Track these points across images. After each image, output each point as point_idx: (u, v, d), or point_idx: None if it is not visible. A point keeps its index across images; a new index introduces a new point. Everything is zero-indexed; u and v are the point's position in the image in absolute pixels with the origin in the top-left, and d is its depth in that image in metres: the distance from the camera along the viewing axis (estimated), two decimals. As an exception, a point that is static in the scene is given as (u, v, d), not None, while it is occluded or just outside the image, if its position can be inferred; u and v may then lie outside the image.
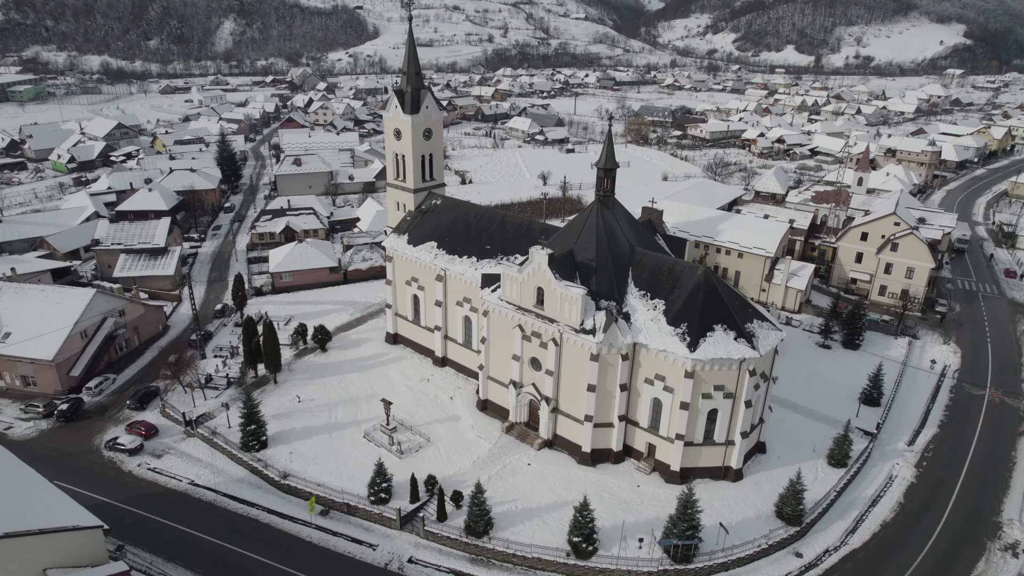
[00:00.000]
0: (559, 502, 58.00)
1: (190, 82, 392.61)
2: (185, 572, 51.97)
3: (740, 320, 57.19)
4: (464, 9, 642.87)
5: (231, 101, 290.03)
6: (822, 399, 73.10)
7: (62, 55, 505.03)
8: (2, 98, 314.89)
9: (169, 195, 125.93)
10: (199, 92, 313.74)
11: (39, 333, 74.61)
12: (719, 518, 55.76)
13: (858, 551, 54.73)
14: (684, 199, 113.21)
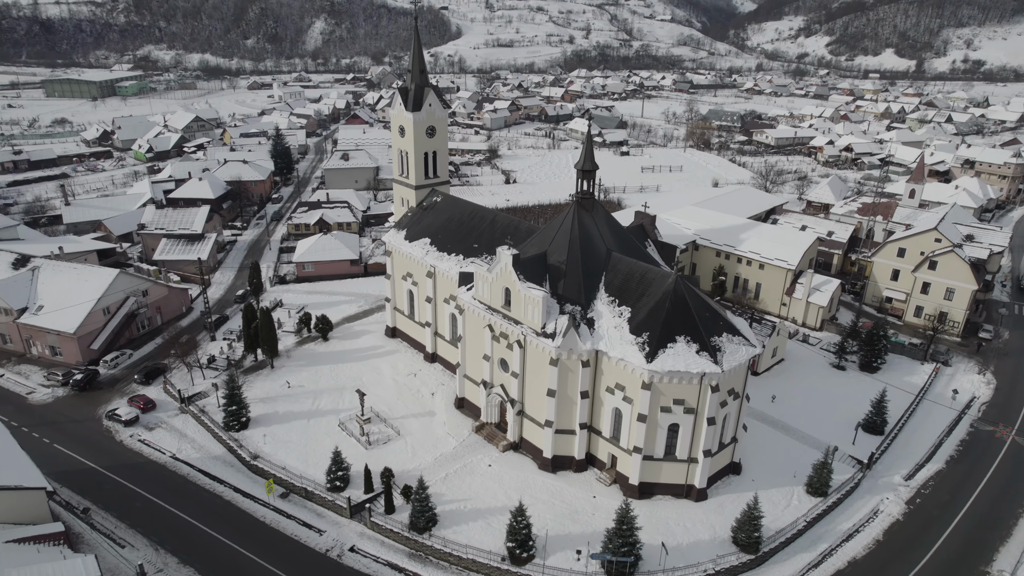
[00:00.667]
0: (510, 506, 56.63)
1: (277, 78, 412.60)
2: (142, 539, 54.82)
3: (706, 333, 54.52)
4: (548, 10, 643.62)
5: (308, 97, 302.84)
6: (820, 423, 68.62)
7: (170, 53, 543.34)
8: (110, 92, 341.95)
9: (218, 185, 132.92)
10: (280, 88, 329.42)
11: (66, 307, 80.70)
12: (673, 537, 53.67)
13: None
14: (717, 206, 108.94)
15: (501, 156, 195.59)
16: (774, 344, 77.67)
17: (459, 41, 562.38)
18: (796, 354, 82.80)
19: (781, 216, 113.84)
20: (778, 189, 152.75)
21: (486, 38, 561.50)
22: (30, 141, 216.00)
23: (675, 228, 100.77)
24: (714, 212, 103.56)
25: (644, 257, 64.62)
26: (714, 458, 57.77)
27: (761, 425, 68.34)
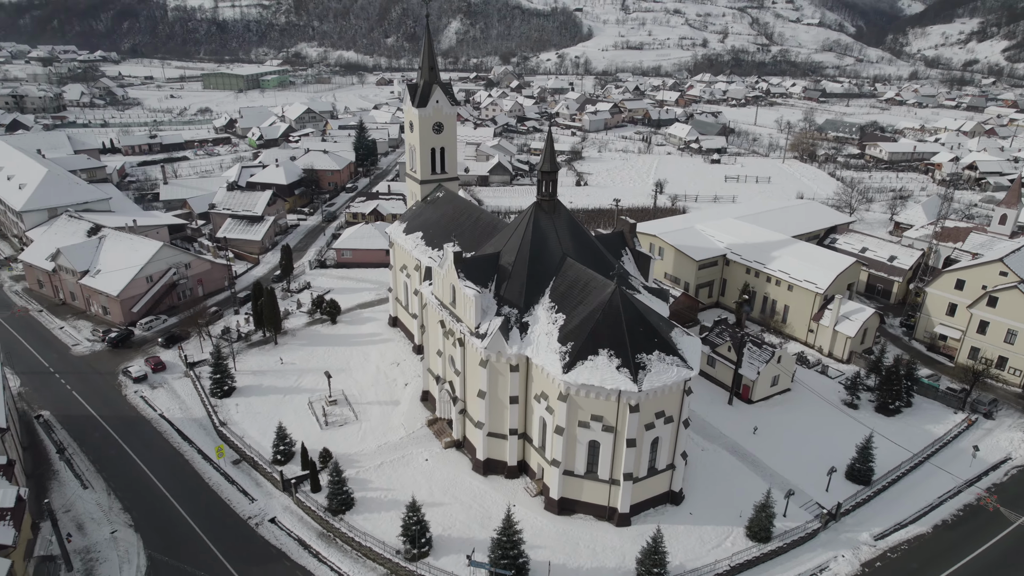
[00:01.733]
0: (429, 502, 57.11)
1: (406, 75, 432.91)
2: (103, 483, 60.71)
3: (633, 349, 51.22)
4: (685, 13, 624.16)
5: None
6: (799, 464, 62.04)
7: (318, 50, 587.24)
8: (254, 85, 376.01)
9: (292, 172, 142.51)
10: (400, 84, 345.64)
11: (115, 272, 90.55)
12: (577, 560, 51.30)
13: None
14: (765, 221, 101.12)
15: (584, 158, 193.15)
16: (773, 372, 71.15)
17: (589, 43, 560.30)
18: (808, 385, 75.26)
19: (841, 236, 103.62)
20: (866, 207, 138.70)
21: (616, 40, 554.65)
22: (173, 127, 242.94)
23: (708, 240, 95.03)
24: (752, 226, 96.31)
25: (605, 263, 61.67)
26: (643, 483, 54.32)
27: (730, 457, 63.11)
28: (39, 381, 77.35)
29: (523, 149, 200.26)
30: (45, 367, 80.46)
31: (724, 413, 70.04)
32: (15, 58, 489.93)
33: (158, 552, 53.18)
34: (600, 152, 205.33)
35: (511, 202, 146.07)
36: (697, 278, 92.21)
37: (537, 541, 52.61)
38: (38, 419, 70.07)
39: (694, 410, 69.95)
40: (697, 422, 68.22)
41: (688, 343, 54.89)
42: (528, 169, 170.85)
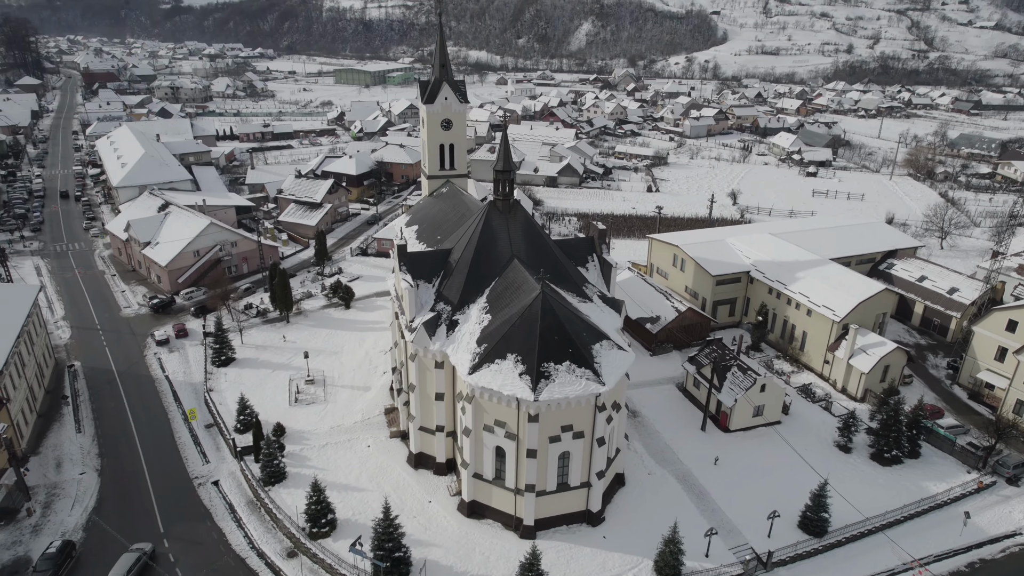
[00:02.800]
0: (354, 486, 58.57)
1: (528, 75, 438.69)
2: (92, 429, 67.76)
3: (542, 357, 49.43)
4: (833, 16, 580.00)
5: (532, 94, 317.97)
6: (753, 505, 56.29)
7: (452, 49, 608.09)
8: (380, 81, 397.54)
9: (364, 163, 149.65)
10: (513, 84, 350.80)
11: (168, 244, 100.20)
12: (467, 564, 50.36)
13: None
14: (808, 239, 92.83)
15: (669, 164, 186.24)
16: (755, 400, 65.41)
17: (721, 47, 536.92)
18: (802, 420, 68.43)
19: (900, 261, 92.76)
20: (963, 233, 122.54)
21: (751, 44, 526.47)
22: (293, 117, 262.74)
23: (733, 255, 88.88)
24: (785, 243, 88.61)
25: (558, 268, 59.73)
26: (552, 498, 52.30)
27: (676, 485, 58.96)
28: (85, 335, 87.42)
29: (608, 152, 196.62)
30: (94, 324, 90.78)
31: (693, 439, 65.43)
32: (191, 54, 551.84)
33: (108, 496, 58.65)
34: (692, 159, 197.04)
35: (574, 204, 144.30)
36: (715, 294, 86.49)
37: (437, 540, 52.44)
38: (69, 368, 79.34)
39: (661, 431, 66.54)
40: (658, 444, 64.53)
41: (613, 357, 51.96)
42: (602, 173, 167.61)
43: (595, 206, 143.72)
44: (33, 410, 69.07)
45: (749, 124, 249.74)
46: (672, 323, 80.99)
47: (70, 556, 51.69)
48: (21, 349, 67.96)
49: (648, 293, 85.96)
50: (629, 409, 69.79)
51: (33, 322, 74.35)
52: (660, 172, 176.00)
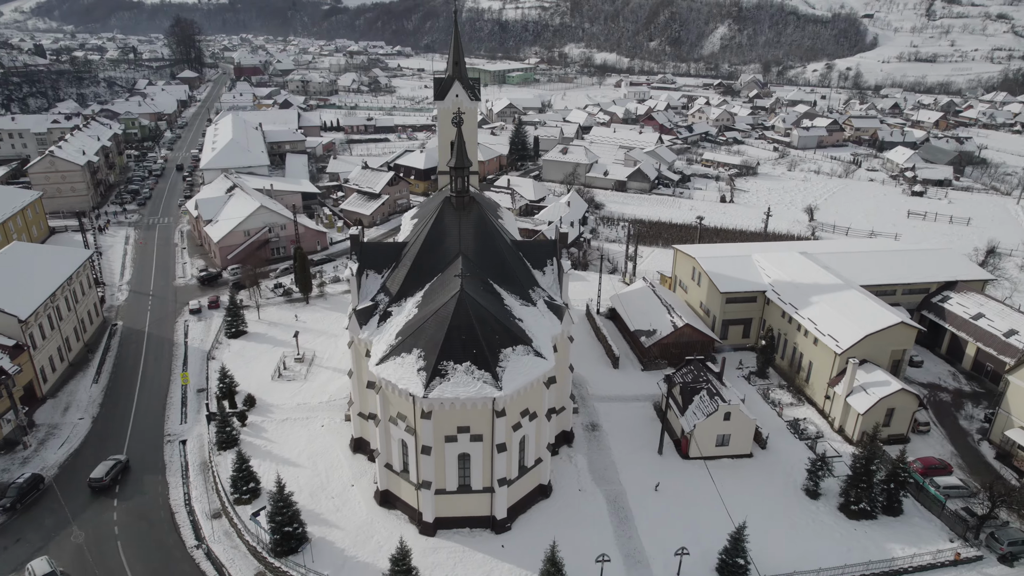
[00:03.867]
0: (293, 461, 61.11)
1: (649, 79, 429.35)
2: (105, 381, 75.72)
3: (442, 355, 49.08)
4: (1012, 18, 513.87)
5: (641, 97, 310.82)
6: (674, 540, 52.14)
7: (582, 51, 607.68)
8: (501, 81, 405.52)
9: (433, 158, 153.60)
10: (626, 87, 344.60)
11: (223, 222, 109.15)
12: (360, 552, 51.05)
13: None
14: (847, 262, 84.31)
15: (758, 175, 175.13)
16: (717, 429, 60.54)
17: (868, 53, 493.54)
18: (780, 457, 62.37)
19: (958, 295, 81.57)
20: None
21: (903, 51, 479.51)
22: (401, 112, 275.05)
23: (753, 272, 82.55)
24: (811, 264, 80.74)
25: (504, 268, 58.81)
26: (453, 497, 51.75)
27: (601, 506, 55.98)
28: (137, 299, 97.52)
29: (695, 159, 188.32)
30: (149, 290, 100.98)
31: (644, 461, 61.69)
32: (337, 51, 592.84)
33: (90, 441, 65.40)
34: (789, 171, 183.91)
35: (635, 210, 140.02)
36: (724, 312, 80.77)
37: (342, 523, 53.76)
38: (112, 327, 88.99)
39: (614, 449, 63.58)
40: (604, 462, 61.69)
41: (523, 363, 50.44)
42: (678, 180, 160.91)
43: (656, 213, 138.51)
44: (65, 359, 78.17)
45: (868, 137, 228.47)
46: (667, 338, 76.74)
47: (37, 488, 58.36)
48: (60, 304, 77.22)
49: (653, 305, 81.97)
50: (589, 422, 67.26)
51: (81, 282, 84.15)
52: (745, 183, 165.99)
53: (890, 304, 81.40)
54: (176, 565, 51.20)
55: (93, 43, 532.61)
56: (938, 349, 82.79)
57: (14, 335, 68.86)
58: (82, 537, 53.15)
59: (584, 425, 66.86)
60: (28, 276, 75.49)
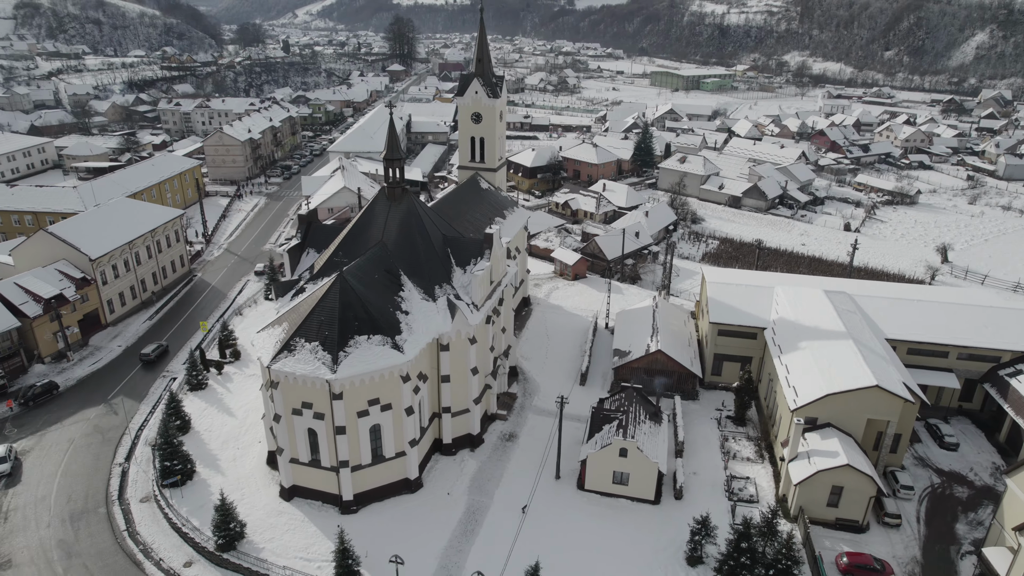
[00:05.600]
0: (230, 410, 68.14)
1: (866, 91, 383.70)
2: (158, 319, 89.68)
3: (298, 334, 51.80)
4: None
5: (829, 111, 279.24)
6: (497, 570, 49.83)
7: (803, 59, 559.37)
8: (695, 86, 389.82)
9: (541, 157, 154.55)
10: (823, 100, 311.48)
11: (313, 198, 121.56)
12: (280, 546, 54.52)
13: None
14: (884, 310, 70.73)
15: (915, 204, 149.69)
16: (615, 466, 55.37)
17: None
18: (689, 512, 55.05)
19: (1030, 372, 64.30)
20: None
21: None
22: (571, 112, 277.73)
23: (765, 307, 72.79)
24: (825, 303, 68.46)
25: (419, 262, 59.41)
26: (303, 468, 54.35)
27: (454, 516, 54.44)
28: (227, 257, 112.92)
29: (846, 182, 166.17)
30: (239, 251, 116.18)
31: (532, 481, 58.50)
32: (550, 51, 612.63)
33: (112, 365, 78.42)
34: (971, 204, 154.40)
35: (735, 228, 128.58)
36: (717, 346, 72.30)
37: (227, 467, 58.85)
38: (191, 278, 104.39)
39: (511, 462, 61.06)
40: (492, 473, 59.76)
41: (370, 353, 51.13)
42: (805, 202, 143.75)
43: (758, 234, 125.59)
44: (137, 297, 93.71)
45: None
46: (637, 361, 71.02)
47: (50, 392, 71.96)
48: (139, 252, 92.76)
49: (644, 326, 75.97)
50: (510, 432, 65.14)
51: (167, 236, 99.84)
52: (890, 212, 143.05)
53: (940, 369, 67.44)
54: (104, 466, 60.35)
55: (338, 39, 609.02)
56: (997, 435, 66.24)
57: (85, 270, 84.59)
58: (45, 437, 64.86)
59: (503, 434, 64.97)
60: (115, 225, 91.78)
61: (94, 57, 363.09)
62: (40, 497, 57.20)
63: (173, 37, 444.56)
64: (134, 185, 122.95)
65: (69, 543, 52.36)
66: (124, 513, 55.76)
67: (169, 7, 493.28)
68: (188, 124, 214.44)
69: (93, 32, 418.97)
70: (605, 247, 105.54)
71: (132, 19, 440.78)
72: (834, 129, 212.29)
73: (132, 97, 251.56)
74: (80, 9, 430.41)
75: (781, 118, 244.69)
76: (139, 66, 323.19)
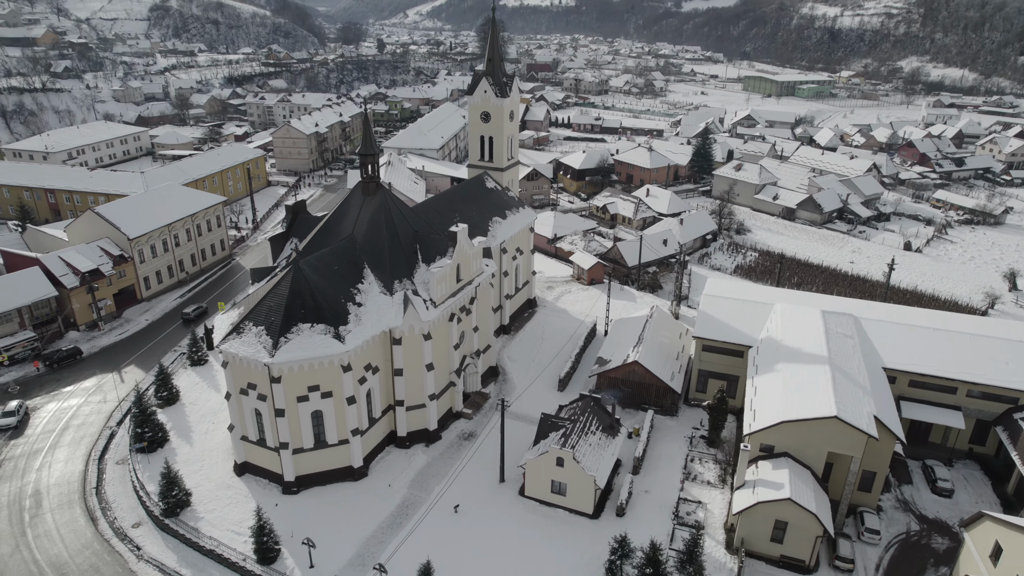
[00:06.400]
0: (220, 386, 71.70)
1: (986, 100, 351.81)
2: (190, 295, 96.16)
3: (248, 317, 54.32)
4: None
5: (928, 122, 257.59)
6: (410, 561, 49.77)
7: (920, 65, 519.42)
8: (789, 92, 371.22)
9: (591, 160, 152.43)
10: (930, 109, 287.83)
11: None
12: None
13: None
14: (921, 346, 64.91)
15: (1002, 224, 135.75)
16: (553, 475, 54.11)
17: None
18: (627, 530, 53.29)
19: (1046, 417, 57.04)
20: None
21: None
22: (648, 116, 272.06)
23: (758, 324, 68.71)
24: (817, 323, 63.53)
25: (380, 253, 60.55)
26: (250, 446, 56.86)
27: (391, 505, 55.29)
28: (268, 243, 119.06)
29: (923, 198, 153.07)
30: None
31: (479, 482, 58.24)
32: (646, 54, 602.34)
33: (135, 336, 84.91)
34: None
35: (780, 241, 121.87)
36: (701, 361, 68.96)
37: (198, 438, 62.45)
38: (229, 261, 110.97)
39: (458, 461, 60.96)
40: (438, 470, 59.99)
41: (311, 341, 52.70)
42: (868, 217, 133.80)
43: (803, 249, 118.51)
44: (174, 275, 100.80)
45: None
46: (615, 371, 69.07)
47: (74, 357, 78.89)
48: (178, 234, 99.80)
49: (632, 335, 73.64)
50: (471, 431, 65.08)
51: (208, 221, 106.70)
52: (969, 233, 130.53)
53: (946, 406, 61.62)
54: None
55: (436, 39, 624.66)
56: (1006, 486, 59.39)
57: (123, 248, 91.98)
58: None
59: (463, 432, 65.04)
60: (157, 208, 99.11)
61: (206, 54, 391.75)
62: (35, 451, 62.96)
63: (280, 36, 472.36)
64: (197, 172, 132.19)
65: (42, 495, 57.32)
66: (99, 472, 60.37)
67: (279, 8, 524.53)
68: (271, 117, 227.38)
69: (211, 31, 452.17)
70: (626, 253, 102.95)
71: (245, 19, 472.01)
72: (926, 141, 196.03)
73: (228, 91, 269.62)
74: (202, 11, 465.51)
75: (873, 127, 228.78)
76: (242, 62, 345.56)
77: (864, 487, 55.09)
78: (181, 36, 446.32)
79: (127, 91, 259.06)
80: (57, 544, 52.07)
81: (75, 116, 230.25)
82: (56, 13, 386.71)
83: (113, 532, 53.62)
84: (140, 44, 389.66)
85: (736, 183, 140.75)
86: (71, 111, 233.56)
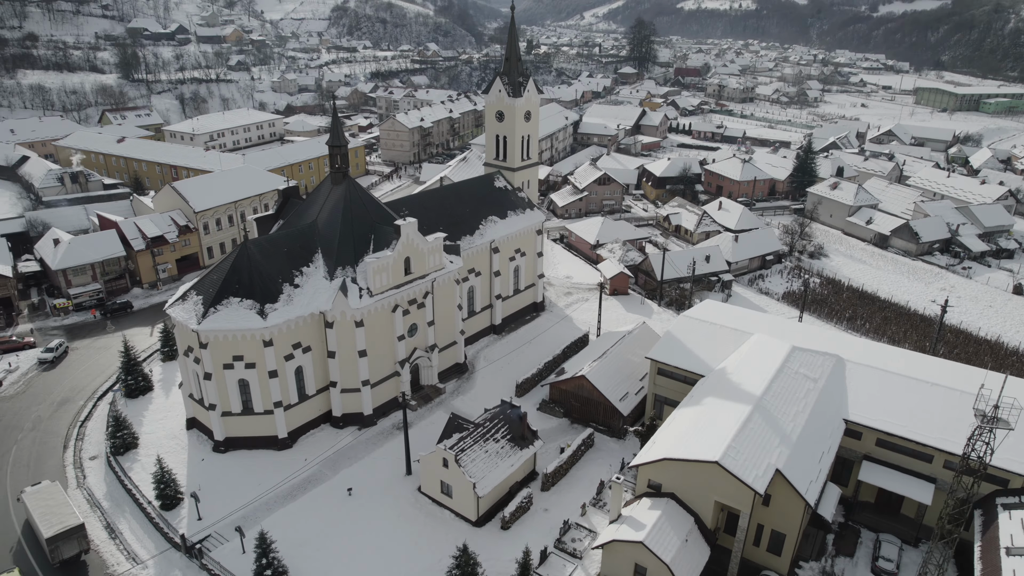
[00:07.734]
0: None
1: None
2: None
3: (195, 287, 60.34)
4: None
5: None
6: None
7: None
8: (972, 106, 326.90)
9: (675, 168, 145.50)
10: None
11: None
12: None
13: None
14: (909, 404, 56.54)
15: None
16: (441, 475, 54.23)
17: None
18: (503, 544, 52.16)
19: (1026, 507, 46.83)
20: None
21: None
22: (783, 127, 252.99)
23: (724, 353, 63.22)
24: (775, 362, 56.79)
25: (331, 240, 63.68)
26: (196, 404, 62.40)
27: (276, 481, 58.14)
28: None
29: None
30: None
31: (386, 471, 59.56)
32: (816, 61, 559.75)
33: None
34: None
35: (860, 274, 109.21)
36: (656, 386, 64.52)
37: (171, 397, 69.93)
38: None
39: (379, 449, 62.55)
40: (355, 455, 62.21)
41: (236, 314, 57.01)
42: (984, 252, 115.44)
43: (881, 279, 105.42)
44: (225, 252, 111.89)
45: None
46: (565, 383, 67.07)
47: (125, 310, 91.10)
48: (244, 210, 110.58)
49: (601, 349, 70.81)
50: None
51: (253, 207, 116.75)
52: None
53: (919, 475, 53.48)
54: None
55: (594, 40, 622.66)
56: None
57: (190, 219, 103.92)
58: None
59: (399, 422, 66.32)
60: (228, 187, 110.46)
61: (369, 50, 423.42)
62: (56, 382, 73.86)
63: (440, 34, 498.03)
64: (294, 157, 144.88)
65: (42, 420, 67.23)
66: (92, 407, 69.66)
67: (441, 8, 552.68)
68: (396, 110, 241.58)
69: (379, 29, 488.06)
70: (657, 266, 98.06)
71: (409, 18, 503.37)
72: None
73: (371, 85, 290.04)
74: (374, 10, 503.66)
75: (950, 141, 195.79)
76: (395, 58, 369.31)
77: (774, 549, 49.05)
78: (354, 33, 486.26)
79: (283, 82, 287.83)
80: (31, 468, 60.69)
81: (236, 103, 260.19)
82: (248, 15, 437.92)
83: (73, 460, 61.79)
84: (309, 40, 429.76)
85: (822, 201, 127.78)
86: (234, 99, 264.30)
